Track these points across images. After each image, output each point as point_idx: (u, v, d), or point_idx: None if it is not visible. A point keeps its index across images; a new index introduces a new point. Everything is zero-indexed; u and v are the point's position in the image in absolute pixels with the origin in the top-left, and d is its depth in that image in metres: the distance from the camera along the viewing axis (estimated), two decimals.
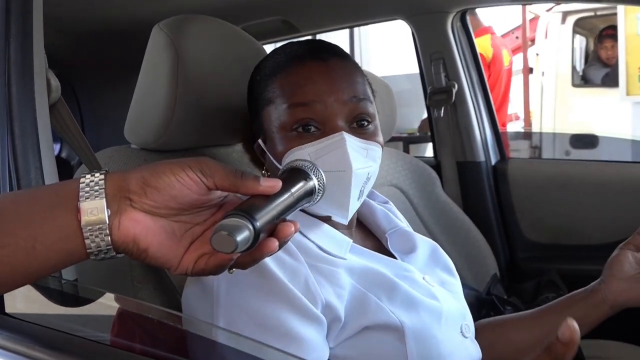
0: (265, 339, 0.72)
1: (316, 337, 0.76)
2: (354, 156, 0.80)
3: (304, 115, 0.82)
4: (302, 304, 0.75)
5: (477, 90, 1.86)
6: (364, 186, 0.83)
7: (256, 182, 0.57)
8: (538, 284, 1.52)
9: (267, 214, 0.55)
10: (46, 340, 0.70)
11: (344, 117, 0.83)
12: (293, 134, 0.83)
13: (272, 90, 0.86)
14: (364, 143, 0.83)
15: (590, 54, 5.04)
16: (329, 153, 0.80)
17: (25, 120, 0.78)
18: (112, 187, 0.55)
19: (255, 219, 0.53)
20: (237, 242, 0.52)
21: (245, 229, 0.52)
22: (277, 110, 0.85)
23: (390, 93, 1.60)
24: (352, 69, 0.88)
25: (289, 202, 0.59)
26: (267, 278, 0.75)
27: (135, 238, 0.55)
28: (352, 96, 0.84)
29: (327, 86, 0.83)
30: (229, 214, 0.54)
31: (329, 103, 0.82)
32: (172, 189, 0.55)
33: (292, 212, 0.60)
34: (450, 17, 1.77)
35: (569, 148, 4.14)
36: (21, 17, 0.81)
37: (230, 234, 0.52)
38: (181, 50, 0.95)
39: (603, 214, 1.71)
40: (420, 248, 0.96)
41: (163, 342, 0.66)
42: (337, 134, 0.81)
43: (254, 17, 1.75)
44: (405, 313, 0.80)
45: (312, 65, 0.85)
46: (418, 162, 1.71)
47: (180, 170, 0.56)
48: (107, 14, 1.64)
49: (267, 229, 0.56)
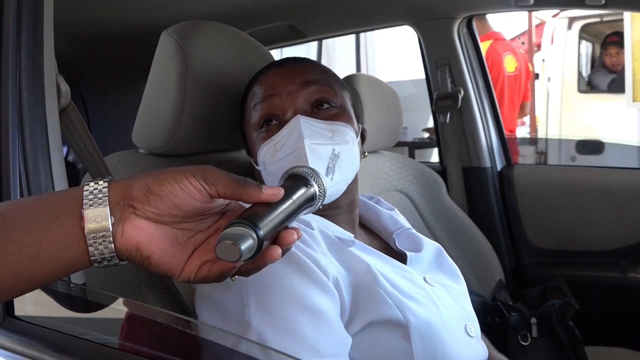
0: (298, 315, 0.73)
1: (335, 314, 0.77)
2: (308, 134, 0.84)
3: (265, 111, 0.90)
4: (317, 275, 0.76)
5: (483, 96, 1.86)
6: (332, 162, 0.84)
7: (259, 190, 0.57)
8: (544, 290, 1.52)
9: (270, 222, 0.55)
10: (55, 344, 0.71)
11: (303, 103, 0.89)
12: (262, 133, 0.89)
13: (245, 103, 0.95)
14: (325, 124, 0.87)
15: (597, 60, 5.03)
16: (289, 139, 0.85)
17: (35, 125, 0.78)
18: (115, 195, 0.56)
19: (258, 228, 0.54)
20: (242, 251, 0.52)
21: (249, 237, 0.53)
22: (248, 117, 0.93)
23: (396, 98, 1.61)
24: (309, 64, 0.95)
25: (291, 209, 0.59)
26: (290, 256, 0.76)
27: (138, 245, 0.55)
28: (304, 81, 0.90)
29: (280, 80, 0.90)
30: (233, 223, 0.54)
31: (283, 94, 0.89)
32: (176, 196, 0.56)
33: (294, 219, 0.60)
34: (457, 23, 1.77)
35: (574, 154, 4.13)
36: (32, 23, 0.81)
37: (235, 243, 0.52)
38: (189, 56, 0.96)
39: (609, 220, 1.71)
40: (425, 249, 0.97)
41: (171, 346, 0.66)
42: (294, 118, 0.86)
43: (260, 22, 1.76)
44: (408, 311, 0.81)
45: (271, 71, 0.94)
46: (424, 167, 1.71)
47: (184, 178, 0.56)
48: (116, 20, 1.65)
49: (270, 236, 0.56)
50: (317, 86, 0.90)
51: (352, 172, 0.89)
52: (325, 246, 0.83)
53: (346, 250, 0.84)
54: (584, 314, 1.40)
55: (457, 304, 0.91)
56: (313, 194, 0.63)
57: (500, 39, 3.51)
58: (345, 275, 0.81)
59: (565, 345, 1.32)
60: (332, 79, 0.94)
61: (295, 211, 0.60)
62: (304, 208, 0.62)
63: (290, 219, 0.59)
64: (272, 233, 0.56)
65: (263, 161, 0.88)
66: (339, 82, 0.96)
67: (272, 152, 0.87)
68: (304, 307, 0.74)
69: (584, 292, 1.49)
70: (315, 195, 0.64)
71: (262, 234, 0.54)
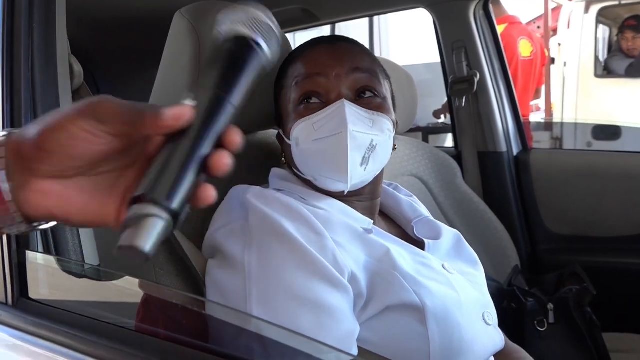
0: (299, 309, 0.73)
1: (346, 307, 0.76)
2: (352, 120, 0.83)
3: (307, 88, 0.87)
4: (331, 273, 0.76)
5: (500, 80, 1.83)
6: (368, 153, 0.84)
7: (157, 117, 0.44)
8: (560, 276, 1.50)
9: (181, 183, 0.42)
10: (69, 324, 0.71)
11: (348, 89, 0.87)
12: (300, 108, 0.87)
13: (285, 75, 0.92)
14: (368, 113, 0.86)
15: (614, 45, 4.95)
16: (330, 121, 0.84)
17: (48, 104, 0.78)
18: (12, 153, 0.46)
19: (162, 205, 0.41)
20: (149, 251, 0.40)
21: (154, 227, 0.41)
22: (288, 91, 0.90)
23: (412, 82, 1.58)
24: (359, 49, 0.93)
25: (217, 129, 0.45)
26: (297, 250, 0.76)
27: (50, 212, 0.47)
28: (354, 67, 0.88)
29: (330, 60, 0.88)
30: (131, 209, 0.42)
31: (330, 75, 0.87)
32: (69, 147, 0.45)
33: (222, 126, 0.46)
34: (473, 5, 1.74)
35: (590, 139, 4.08)
36: (44, 4, 0.81)
37: (132, 246, 0.40)
38: (203, 37, 0.94)
39: (626, 206, 1.68)
40: (444, 236, 0.97)
41: (187, 327, 0.66)
42: (338, 101, 0.84)
43: (274, 5, 1.73)
44: (426, 295, 0.80)
45: (320, 47, 0.91)
46: (438, 152, 1.69)
47: (71, 124, 0.45)
48: (128, 2, 1.64)
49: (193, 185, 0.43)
50: (366, 74, 0.88)
51: (383, 164, 0.89)
52: (343, 232, 0.82)
53: (364, 237, 0.83)
54: (602, 300, 1.38)
55: (477, 291, 0.91)
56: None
57: (515, 22, 3.46)
58: (363, 261, 0.81)
59: (582, 331, 1.30)
60: (379, 68, 0.93)
61: (218, 122, 0.45)
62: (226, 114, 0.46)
63: (212, 134, 0.45)
64: (194, 182, 0.43)
65: (296, 137, 0.87)
66: (384, 72, 0.94)
67: (308, 131, 0.85)
68: (306, 301, 0.73)
69: (602, 278, 1.47)
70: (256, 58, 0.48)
71: (174, 207, 0.42)
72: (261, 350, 0.63)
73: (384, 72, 0.95)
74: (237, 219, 0.81)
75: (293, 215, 0.79)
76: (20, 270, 0.77)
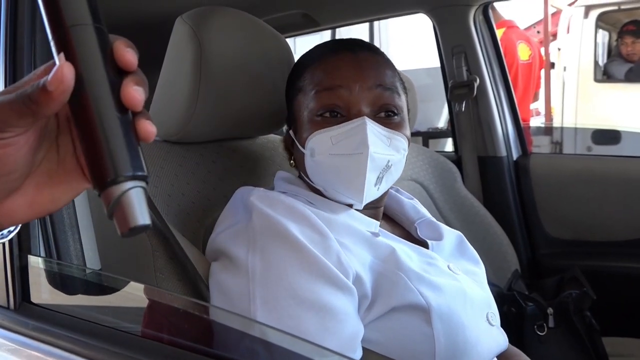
0: (303, 312, 0.73)
1: (350, 309, 0.76)
2: (372, 140, 0.82)
3: (329, 101, 0.85)
4: (335, 275, 0.76)
5: (499, 84, 1.84)
6: (383, 173, 0.84)
7: (44, 90, 0.40)
8: (560, 280, 1.50)
9: (131, 145, 0.42)
10: (70, 329, 0.71)
11: (369, 105, 0.85)
12: (318, 119, 0.85)
13: (304, 78, 0.89)
14: (387, 132, 0.85)
15: (613, 49, 4.96)
16: (349, 137, 0.83)
17: None
18: None
19: (130, 174, 0.40)
20: (146, 222, 0.41)
21: (137, 199, 0.41)
22: (306, 98, 0.88)
23: (412, 87, 1.59)
24: (382, 61, 0.90)
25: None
26: (301, 252, 0.76)
27: (29, 217, 0.46)
28: (377, 84, 0.86)
29: (353, 73, 0.85)
30: (106, 196, 0.41)
31: (354, 89, 0.84)
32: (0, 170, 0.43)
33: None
34: (473, 10, 1.75)
35: (590, 144, 4.08)
36: None
37: (131, 227, 0.40)
38: (204, 42, 0.95)
39: (626, 210, 1.69)
40: (446, 237, 0.98)
41: (189, 332, 0.66)
42: (360, 118, 0.83)
43: (275, 10, 1.74)
44: (431, 295, 0.80)
45: (342, 55, 0.88)
46: (439, 156, 1.70)
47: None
48: (129, 7, 1.65)
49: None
50: (388, 92, 0.86)
51: (393, 182, 0.89)
52: (349, 234, 0.82)
53: (371, 239, 0.84)
54: (602, 304, 1.39)
55: (482, 290, 0.91)
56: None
57: (513, 26, 3.48)
58: (369, 261, 0.81)
59: (582, 336, 1.30)
60: (400, 83, 0.91)
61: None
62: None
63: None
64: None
65: (312, 148, 0.86)
66: (403, 86, 0.93)
67: (326, 144, 0.84)
68: (310, 303, 0.73)
69: (602, 283, 1.47)
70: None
71: (140, 172, 0.41)
72: (265, 354, 0.63)
73: (403, 85, 0.93)
74: (240, 221, 0.81)
75: (296, 217, 0.79)
76: (22, 274, 0.77)
